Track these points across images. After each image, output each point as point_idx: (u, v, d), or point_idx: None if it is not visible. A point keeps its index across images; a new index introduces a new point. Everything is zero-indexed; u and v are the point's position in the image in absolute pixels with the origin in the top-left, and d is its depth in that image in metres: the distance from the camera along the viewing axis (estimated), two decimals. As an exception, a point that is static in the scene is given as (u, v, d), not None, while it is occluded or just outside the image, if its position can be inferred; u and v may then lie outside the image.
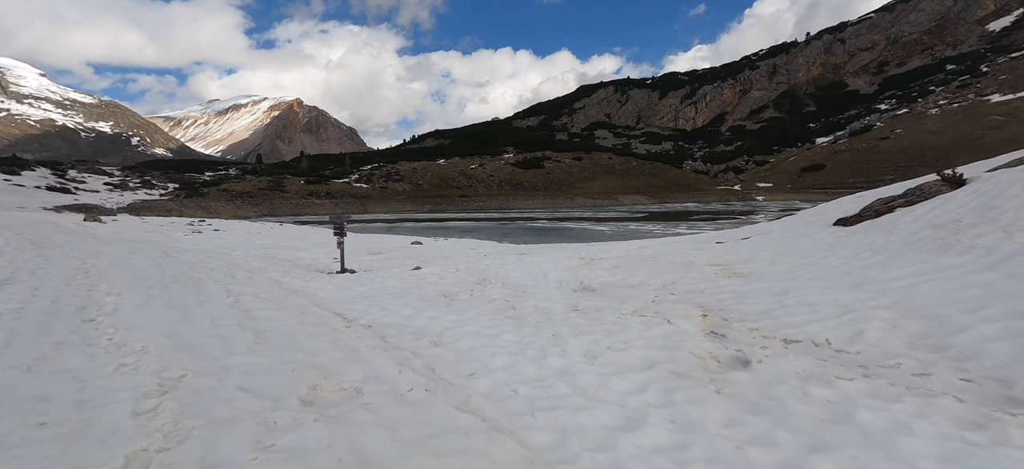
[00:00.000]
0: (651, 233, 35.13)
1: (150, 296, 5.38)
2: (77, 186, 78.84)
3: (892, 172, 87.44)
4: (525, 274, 7.09)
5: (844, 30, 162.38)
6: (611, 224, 45.02)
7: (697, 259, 6.83)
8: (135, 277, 6.50)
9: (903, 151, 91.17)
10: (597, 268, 7.32)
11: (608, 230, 38.78)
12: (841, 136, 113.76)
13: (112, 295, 5.30)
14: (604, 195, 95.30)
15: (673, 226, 40.45)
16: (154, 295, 5.43)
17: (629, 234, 34.52)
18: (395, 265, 9.48)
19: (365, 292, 5.87)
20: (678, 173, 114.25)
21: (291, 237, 20.97)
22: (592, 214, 61.96)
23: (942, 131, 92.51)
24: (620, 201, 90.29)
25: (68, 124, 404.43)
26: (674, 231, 35.15)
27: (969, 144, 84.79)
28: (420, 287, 6.18)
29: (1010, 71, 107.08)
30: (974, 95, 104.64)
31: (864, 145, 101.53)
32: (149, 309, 4.83)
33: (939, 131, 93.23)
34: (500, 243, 24.35)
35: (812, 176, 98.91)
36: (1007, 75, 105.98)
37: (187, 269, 7.20)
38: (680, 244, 9.67)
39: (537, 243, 24.40)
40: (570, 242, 28.58)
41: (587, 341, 3.51)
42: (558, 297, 5.10)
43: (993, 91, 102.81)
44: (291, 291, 5.93)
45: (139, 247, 10.63)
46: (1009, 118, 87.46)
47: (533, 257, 9.32)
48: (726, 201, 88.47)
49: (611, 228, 40.61)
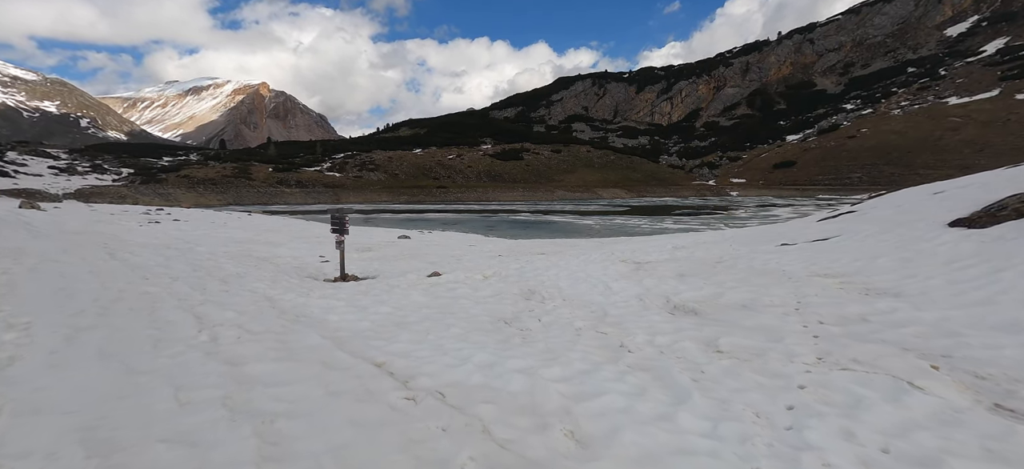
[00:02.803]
0: (639, 228, 34.36)
1: (76, 330, 3.61)
2: (17, 169, 72.22)
3: (859, 170, 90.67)
4: (578, 284, 5.74)
5: (813, 31, 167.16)
6: (595, 217, 44.17)
7: (786, 266, 5.64)
8: (60, 292, 4.65)
9: (869, 150, 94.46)
10: (658, 275, 6.04)
11: (595, 224, 37.87)
12: (810, 134, 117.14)
13: (15, 328, 3.47)
14: (583, 188, 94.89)
15: (658, 221, 39.90)
16: (83, 328, 3.67)
17: (617, 229, 33.65)
18: (401, 267, 7.96)
19: (390, 313, 4.36)
20: (655, 167, 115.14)
21: (264, 229, 18.91)
22: (573, 207, 61.16)
23: (905, 131, 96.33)
24: (599, 194, 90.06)
25: (8, 102, 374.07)
26: (661, 227, 34.50)
27: (930, 144, 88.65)
28: (458, 304, 4.73)
29: (966, 75, 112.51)
30: (933, 97, 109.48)
31: (832, 143, 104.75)
32: (70, 359, 3.15)
33: (902, 131, 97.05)
34: (487, 237, 22.86)
35: (783, 172, 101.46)
36: (963, 79, 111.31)
37: (139, 277, 5.41)
38: (726, 245, 8.50)
39: (529, 238, 23.07)
40: (560, 236, 27.40)
41: (834, 428, 2.13)
42: (664, 327, 3.78)
43: (950, 94, 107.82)
44: (289, 315, 4.33)
45: (80, 242, 8.65)
46: (966, 120, 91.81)
47: (566, 259, 7.96)
48: (702, 196, 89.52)
49: (597, 222, 39.72)
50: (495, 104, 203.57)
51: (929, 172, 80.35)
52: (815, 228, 8.12)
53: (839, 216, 8.69)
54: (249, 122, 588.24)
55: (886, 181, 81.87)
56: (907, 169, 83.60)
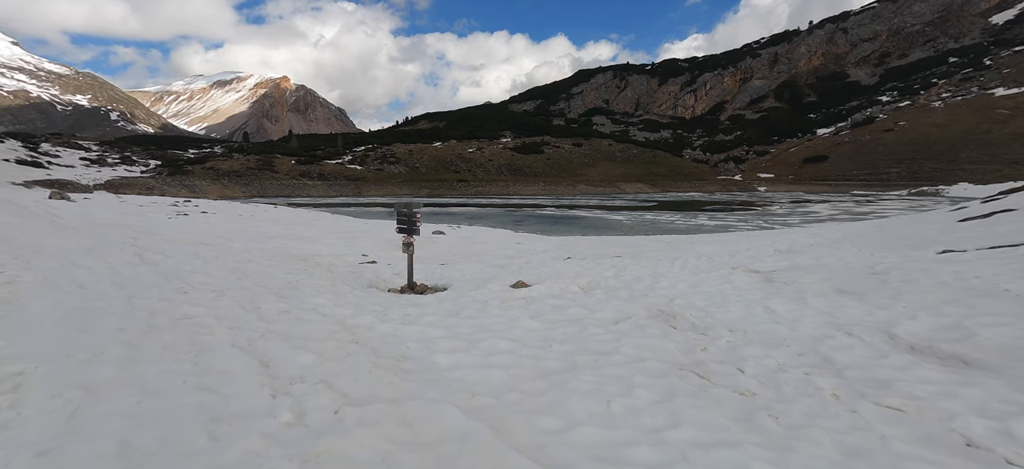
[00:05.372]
0: (674, 225, 32.67)
1: (87, 392, 2.31)
2: (50, 160, 73.93)
3: (897, 165, 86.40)
4: (720, 302, 4.47)
5: (846, 19, 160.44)
6: (625, 213, 42.53)
7: (1008, 284, 4.25)
8: (74, 315, 3.42)
9: (908, 144, 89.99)
10: (813, 291, 4.72)
11: (626, 220, 36.24)
12: (843, 127, 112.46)
13: (8, 376, 2.36)
14: (605, 182, 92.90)
15: (691, 217, 38.10)
16: (97, 387, 2.37)
17: (650, 225, 31.99)
18: (468, 273, 6.80)
19: (512, 349, 3.13)
20: (679, 162, 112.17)
21: (293, 223, 18.07)
22: (599, 202, 59.48)
23: (947, 124, 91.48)
24: (622, 189, 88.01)
25: (43, 96, 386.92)
26: (696, 224, 32.70)
27: (976, 138, 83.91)
28: (588, 333, 3.50)
29: (1014, 65, 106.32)
30: (978, 88, 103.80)
31: (867, 137, 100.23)
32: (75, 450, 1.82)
33: (944, 124, 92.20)
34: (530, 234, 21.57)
35: (814, 167, 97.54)
36: (1011, 68, 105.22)
37: (175, 289, 4.29)
38: (850, 249, 7.07)
39: (562, 234, 21.76)
40: (591, 232, 25.97)
41: None
42: (971, 397, 2.47)
43: (997, 85, 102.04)
44: (387, 358, 3.11)
45: (106, 238, 7.73)
46: (1015, 112, 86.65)
47: (654, 263, 6.68)
48: (729, 191, 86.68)
49: (627, 218, 38.05)
50: (514, 97, 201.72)
51: (975, 167, 76.04)
52: (967, 231, 6.64)
53: (992, 215, 7.19)
54: (271, 116, 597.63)
55: (928, 177, 77.80)
56: (951, 164, 79.32)
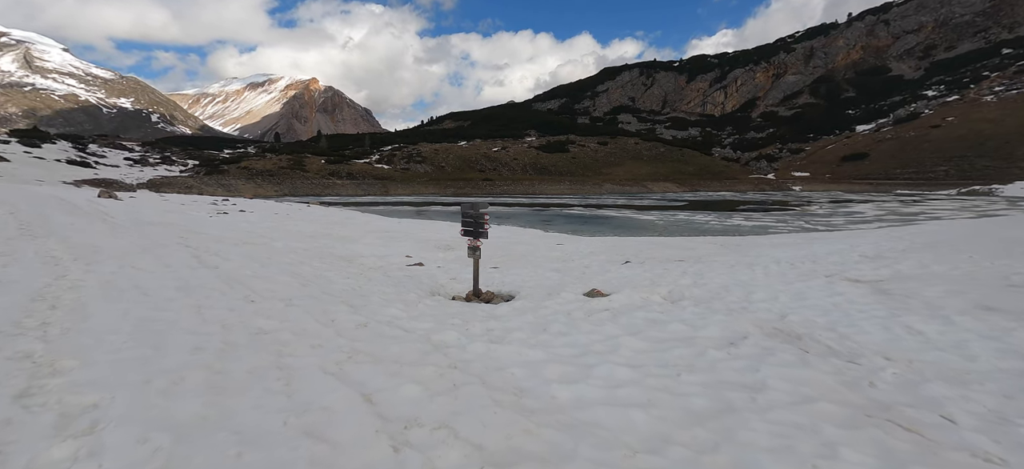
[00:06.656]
0: (709, 225, 31.41)
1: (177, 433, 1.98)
2: (97, 160, 77.52)
3: (946, 163, 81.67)
4: (846, 320, 3.90)
5: (889, 11, 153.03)
6: (655, 213, 41.32)
7: None
8: (144, 328, 3.20)
9: (958, 140, 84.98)
10: (948, 307, 4.09)
11: (658, 221, 35.12)
12: (884, 124, 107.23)
13: (76, 430, 1.92)
14: (632, 181, 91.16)
15: (726, 217, 36.66)
16: (185, 424, 2.04)
17: (684, 226, 30.83)
18: (531, 279, 6.38)
19: (635, 380, 2.61)
20: (708, 160, 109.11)
21: (330, 222, 18.10)
22: (626, 201, 58.25)
23: (1001, 119, 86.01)
24: (649, 188, 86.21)
25: (90, 99, 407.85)
26: (731, 224, 31.36)
27: (1034, 134, 78.54)
28: (730, 363, 2.98)
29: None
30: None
31: (912, 134, 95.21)
32: None
33: (997, 119, 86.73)
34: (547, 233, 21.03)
35: (854, 166, 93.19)
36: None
37: (241, 298, 3.99)
38: (965, 257, 6.32)
39: (593, 235, 21.04)
40: (622, 233, 25.10)
41: None
42: None
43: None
44: (497, 389, 2.66)
45: (159, 238, 7.67)
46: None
47: (727, 269, 6.09)
48: (762, 191, 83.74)
49: (659, 218, 36.89)
50: (538, 96, 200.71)
51: (1034, 165, 71.19)
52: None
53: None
54: (300, 116, 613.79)
55: (979, 175, 73.25)
56: (1005, 161, 74.44)
